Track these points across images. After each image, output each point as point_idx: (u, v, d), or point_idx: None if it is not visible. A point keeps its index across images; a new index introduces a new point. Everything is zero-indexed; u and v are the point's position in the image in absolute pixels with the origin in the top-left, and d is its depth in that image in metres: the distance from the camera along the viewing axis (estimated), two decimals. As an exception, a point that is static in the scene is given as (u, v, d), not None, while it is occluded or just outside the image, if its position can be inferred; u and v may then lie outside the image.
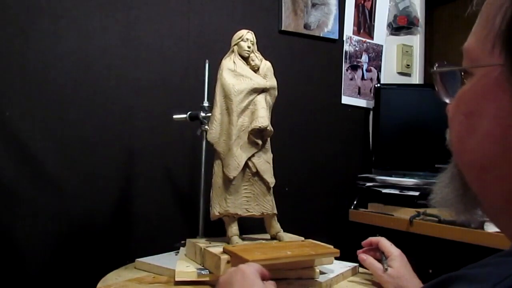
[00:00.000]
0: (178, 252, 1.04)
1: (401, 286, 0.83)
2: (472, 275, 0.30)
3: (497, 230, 1.07)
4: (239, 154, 0.93)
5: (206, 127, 1.07)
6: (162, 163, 1.29)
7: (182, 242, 1.05)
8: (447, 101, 0.42)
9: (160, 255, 1.03)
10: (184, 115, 1.12)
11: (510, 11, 0.33)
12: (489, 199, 0.38)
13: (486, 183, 0.37)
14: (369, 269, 0.91)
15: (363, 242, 0.96)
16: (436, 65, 0.44)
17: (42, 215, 1.12)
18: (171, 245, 1.08)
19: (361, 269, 1.02)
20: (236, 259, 0.81)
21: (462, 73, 0.40)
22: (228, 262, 0.82)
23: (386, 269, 0.86)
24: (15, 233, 1.10)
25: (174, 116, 1.14)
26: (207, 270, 0.86)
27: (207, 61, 1.13)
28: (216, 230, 1.01)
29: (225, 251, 0.85)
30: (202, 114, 1.08)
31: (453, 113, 0.40)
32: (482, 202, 0.39)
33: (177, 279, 0.85)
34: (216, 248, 0.88)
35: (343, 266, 0.99)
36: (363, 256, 0.93)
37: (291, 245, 0.91)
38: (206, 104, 1.10)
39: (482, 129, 0.36)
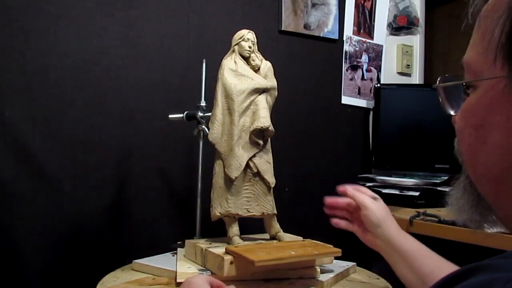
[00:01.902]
0: (175, 253, 1.03)
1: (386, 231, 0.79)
2: (497, 265, 0.31)
3: (497, 230, 1.07)
4: (241, 154, 0.93)
5: (203, 126, 1.07)
6: (159, 163, 1.28)
7: (179, 243, 1.05)
8: (452, 113, 0.43)
9: (157, 256, 1.02)
10: (180, 115, 1.12)
11: (509, 24, 0.34)
12: (504, 208, 0.38)
13: (500, 194, 0.37)
14: (358, 202, 0.86)
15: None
16: (439, 79, 0.44)
17: (40, 215, 1.12)
18: (168, 246, 1.07)
19: (358, 268, 1.02)
20: (240, 260, 0.81)
21: (465, 84, 0.40)
22: (231, 262, 0.82)
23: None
24: (13, 233, 1.09)
25: (170, 116, 1.14)
26: (209, 271, 0.86)
27: (204, 60, 1.12)
28: (212, 230, 1.01)
29: (228, 252, 0.85)
30: (200, 114, 1.08)
31: (461, 126, 0.41)
32: (497, 211, 0.39)
33: (179, 280, 0.84)
34: (218, 249, 0.87)
35: (342, 265, 0.99)
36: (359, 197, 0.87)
37: (293, 245, 0.91)
38: (203, 103, 1.10)
39: (493, 141, 0.36)
